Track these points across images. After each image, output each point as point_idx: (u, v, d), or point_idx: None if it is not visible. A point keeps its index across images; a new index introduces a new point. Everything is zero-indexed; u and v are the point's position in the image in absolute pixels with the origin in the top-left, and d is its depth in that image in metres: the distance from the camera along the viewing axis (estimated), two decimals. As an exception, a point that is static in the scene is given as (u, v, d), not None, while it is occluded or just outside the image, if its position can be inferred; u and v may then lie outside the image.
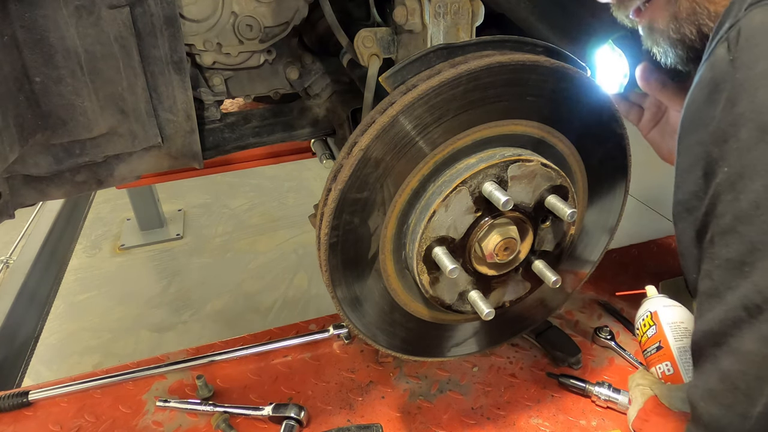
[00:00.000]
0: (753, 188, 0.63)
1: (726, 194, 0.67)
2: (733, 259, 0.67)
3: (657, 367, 1.32)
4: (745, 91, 0.65)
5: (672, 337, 1.31)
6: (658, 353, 1.32)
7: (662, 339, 1.32)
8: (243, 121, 1.44)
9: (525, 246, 1.09)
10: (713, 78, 0.69)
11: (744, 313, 0.64)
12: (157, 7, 1.02)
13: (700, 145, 0.72)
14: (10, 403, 1.42)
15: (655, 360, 1.33)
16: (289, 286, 3.18)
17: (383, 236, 1.04)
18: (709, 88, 0.70)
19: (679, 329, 1.32)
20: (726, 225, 0.68)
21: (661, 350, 1.32)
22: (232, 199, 4.07)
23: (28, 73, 0.97)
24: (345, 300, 1.08)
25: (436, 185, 1.01)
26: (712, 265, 0.70)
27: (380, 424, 1.32)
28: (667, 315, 1.35)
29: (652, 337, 1.35)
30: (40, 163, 1.09)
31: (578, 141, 1.12)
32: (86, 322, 2.99)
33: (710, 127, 0.69)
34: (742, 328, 0.65)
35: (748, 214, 0.64)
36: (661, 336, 1.32)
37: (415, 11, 1.10)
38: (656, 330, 1.34)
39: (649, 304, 1.40)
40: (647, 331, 1.36)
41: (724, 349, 0.68)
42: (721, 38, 0.68)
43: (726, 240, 0.68)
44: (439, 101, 0.96)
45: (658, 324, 1.34)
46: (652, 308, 1.38)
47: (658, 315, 1.35)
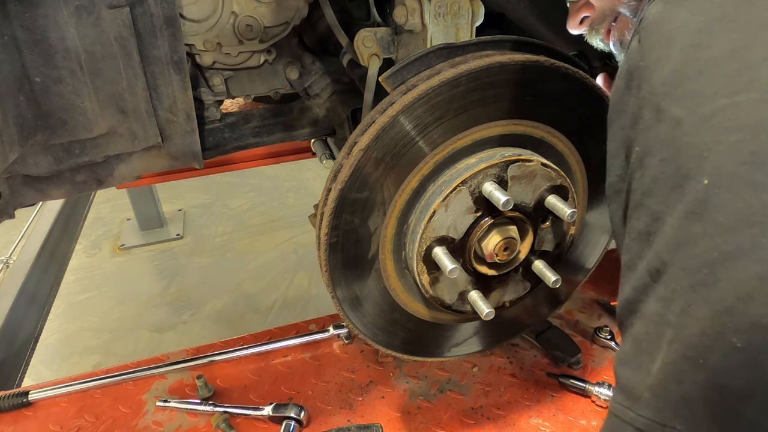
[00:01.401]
0: (653, 163, 0.68)
1: (636, 172, 0.72)
2: (642, 230, 0.71)
3: None
4: (646, 76, 0.70)
5: None
6: None
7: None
8: (243, 121, 1.44)
9: (525, 246, 1.09)
10: (629, 68, 0.75)
11: (648, 278, 0.68)
12: (157, 7, 1.02)
13: (622, 130, 0.78)
14: (10, 403, 1.43)
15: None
16: (289, 286, 3.18)
17: (383, 236, 1.04)
18: (626, 77, 0.75)
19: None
20: (636, 200, 0.72)
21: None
22: (232, 199, 4.07)
23: (28, 73, 0.97)
24: (345, 300, 1.08)
25: (436, 185, 1.01)
26: (629, 238, 0.74)
27: (380, 424, 1.32)
28: None
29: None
30: (40, 163, 1.09)
31: (578, 141, 1.12)
32: (86, 322, 2.99)
33: (627, 113, 0.75)
34: (647, 293, 0.68)
35: (649, 188, 0.69)
36: None
37: (415, 11, 1.10)
38: None
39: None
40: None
41: (636, 315, 0.71)
42: (637, 30, 0.74)
43: (637, 213, 0.72)
44: (439, 101, 0.96)
45: None
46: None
47: None
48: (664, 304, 0.65)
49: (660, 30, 0.71)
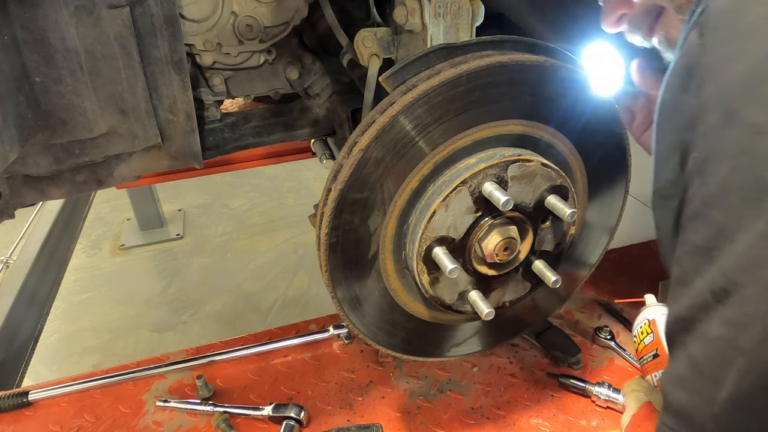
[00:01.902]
0: (719, 171, 0.63)
1: (695, 179, 0.67)
2: (700, 244, 0.66)
3: (653, 375, 1.31)
4: (712, 75, 0.65)
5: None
6: (654, 361, 1.31)
7: (659, 347, 1.31)
8: (243, 121, 1.44)
9: (525, 246, 1.09)
10: (686, 64, 0.69)
11: (711, 297, 0.64)
12: (157, 7, 1.02)
13: (676, 132, 0.72)
14: (10, 403, 1.43)
15: (651, 368, 1.32)
16: (289, 286, 3.18)
17: (383, 236, 1.04)
18: (682, 74, 0.70)
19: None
20: (694, 210, 0.68)
21: (658, 358, 1.31)
22: (232, 199, 4.07)
23: (28, 73, 0.97)
24: (345, 300, 1.08)
25: (436, 185, 1.01)
26: (682, 251, 0.70)
27: (380, 424, 1.32)
28: (662, 322, 1.34)
29: (649, 344, 1.34)
30: (40, 163, 1.09)
31: (578, 141, 1.12)
32: (86, 322, 2.99)
33: (684, 113, 0.70)
34: (709, 313, 0.64)
35: (714, 198, 0.64)
36: (658, 344, 1.32)
37: (415, 11, 1.10)
38: (653, 338, 1.33)
39: (648, 312, 1.39)
40: (644, 338, 1.36)
41: (693, 335, 0.67)
42: (694, 23, 0.68)
43: (694, 225, 0.68)
44: (439, 101, 0.96)
45: (656, 332, 1.33)
46: (650, 316, 1.37)
47: (656, 323, 1.34)
48: (734, 328, 0.61)
49: (731, 24, 0.64)
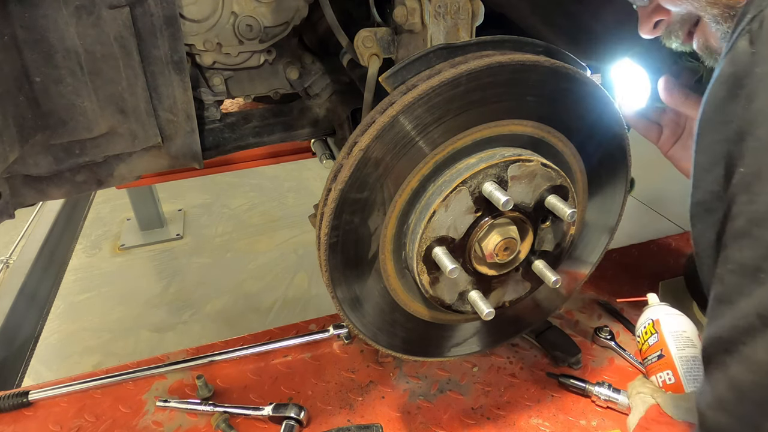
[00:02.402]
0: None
1: (741, 195, 0.64)
2: (747, 264, 0.64)
3: (658, 375, 1.30)
4: (765, 86, 0.61)
5: (674, 346, 1.29)
6: (659, 362, 1.31)
7: (664, 347, 1.30)
8: (243, 121, 1.44)
9: (525, 246, 1.09)
10: (734, 72, 0.66)
11: (758, 321, 0.61)
12: (157, 7, 1.02)
13: (721, 143, 0.68)
14: (10, 403, 1.42)
15: (655, 368, 1.31)
16: (289, 286, 3.18)
17: (383, 236, 1.04)
18: (729, 83, 0.67)
19: (681, 338, 1.30)
20: (740, 228, 0.65)
21: (663, 359, 1.30)
22: (232, 199, 4.07)
23: (28, 73, 0.97)
24: (345, 300, 1.08)
25: (436, 185, 1.01)
26: (725, 269, 0.68)
27: (380, 424, 1.32)
28: (670, 324, 1.33)
29: (654, 345, 1.33)
30: (40, 163, 1.09)
31: (578, 141, 1.12)
32: (86, 322, 2.99)
33: (731, 124, 0.66)
34: (756, 337, 0.62)
35: (764, 218, 0.62)
36: (662, 345, 1.31)
37: (415, 11, 1.10)
38: (658, 338, 1.32)
39: (651, 312, 1.39)
40: (648, 339, 1.35)
41: (735, 357, 0.64)
42: (743, 30, 0.65)
43: (740, 243, 0.65)
44: (439, 101, 0.96)
45: (660, 333, 1.33)
46: (654, 316, 1.36)
47: (660, 323, 1.34)
48: None
49: None
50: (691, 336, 1.32)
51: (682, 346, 1.29)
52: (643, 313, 1.41)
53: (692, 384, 1.24)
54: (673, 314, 1.36)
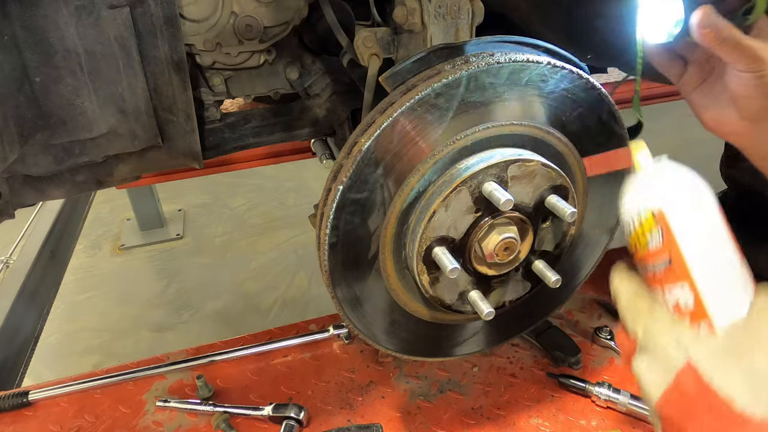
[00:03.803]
0: None
1: None
2: None
3: (666, 289, 0.80)
4: None
5: (694, 249, 0.78)
6: (666, 271, 0.80)
7: (675, 256, 0.79)
8: (243, 121, 1.44)
9: (525, 246, 1.09)
10: None
11: None
12: (157, 7, 1.02)
13: None
14: (10, 403, 1.42)
15: (660, 279, 0.81)
16: (289, 286, 3.19)
17: (383, 236, 1.04)
18: None
19: (699, 234, 0.79)
20: None
21: (670, 267, 0.79)
22: (232, 199, 4.07)
23: (28, 73, 0.97)
24: (345, 300, 1.08)
25: (436, 185, 1.01)
26: None
27: (380, 424, 1.32)
28: (685, 220, 0.79)
29: (658, 249, 0.81)
30: (40, 163, 1.09)
31: (578, 141, 1.12)
32: (86, 322, 2.99)
33: None
34: None
35: None
36: (671, 246, 0.79)
37: (415, 11, 1.10)
38: (663, 240, 0.80)
39: (646, 194, 0.83)
40: (648, 240, 0.82)
41: None
42: None
43: None
44: (439, 101, 0.96)
45: (668, 232, 0.79)
46: (654, 202, 0.81)
47: (667, 218, 0.79)
48: None
49: None
50: (718, 230, 0.79)
51: (706, 249, 0.78)
52: (629, 191, 0.85)
53: (724, 311, 0.75)
54: (688, 200, 0.80)
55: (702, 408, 0.67)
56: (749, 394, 0.64)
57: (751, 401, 0.64)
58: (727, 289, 0.77)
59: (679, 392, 0.70)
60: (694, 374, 0.69)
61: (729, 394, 0.65)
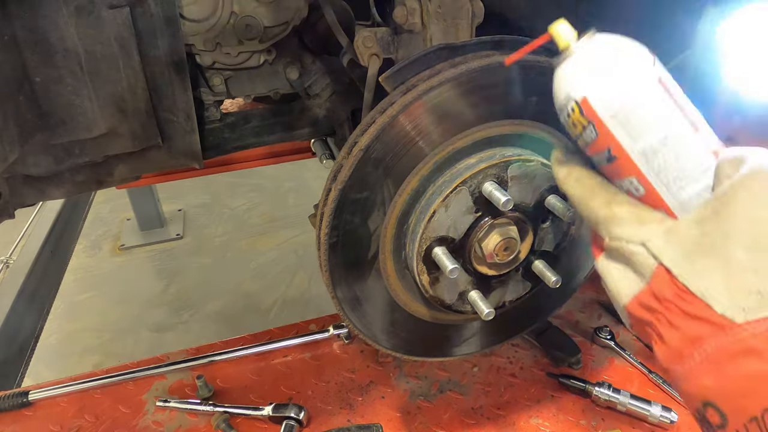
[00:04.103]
0: None
1: None
2: None
3: (615, 184, 0.73)
4: None
5: (627, 136, 0.68)
6: (612, 166, 0.72)
7: (613, 144, 0.70)
8: (243, 121, 1.44)
9: (525, 246, 1.09)
10: None
11: None
12: (157, 7, 1.02)
13: None
14: (10, 403, 1.42)
15: (608, 173, 0.74)
16: (289, 286, 3.19)
17: (383, 236, 1.04)
18: None
19: (635, 117, 0.67)
20: None
21: (617, 162, 0.70)
22: (232, 199, 4.07)
23: (28, 73, 0.97)
24: (345, 300, 1.08)
25: (436, 185, 1.01)
26: None
27: (380, 424, 1.32)
28: (607, 99, 0.68)
29: (595, 142, 0.71)
30: (40, 163, 1.09)
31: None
32: (86, 322, 2.99)
33: None
34: None
35: None
36: (608, 139, 0.70)
37: (415, 11, 1.10)
38: (597, 130, 0.70)
39: (570, 81, 0.72)
40: (582, 133, 0.72)
41: None
42: None
43: None
44: (438, 101, 0.96)
45: (597, 119, 0.69)
46: (577, 91, 0.70)
47: (591, 104, 0.69)
48: None
49: None
50: (661, 103, 0.68)
51: (640, 131, 0.68)
52: (556, 78, 0.74)
53: (677, 194, 0.68)
54: (605, 75, 0.68)
55: (677, 313, 0.61)
56: (727, 295, 0.58)
57: (731, 304, 0.58)
58: (685, 170, 0.67)
59: (653, 297, 0.65)
60: (668, 277, 0.62)
61: (705, 296, 0.59)
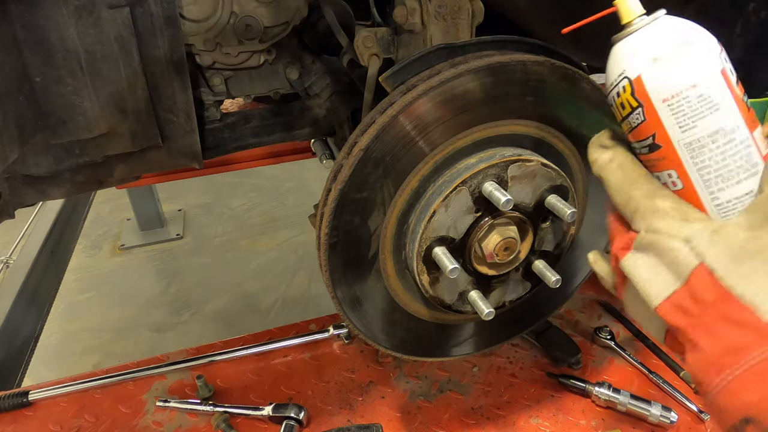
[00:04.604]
0: None
1: None
2: None
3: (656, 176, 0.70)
4: None
5: (676, 125, 0.64)
6: (652, 156, 0.68)
7: (659, 131, 0.66)
8: (243, 121, 1.44)
9: (525, 246, 1.09)
10: None
11: None
12: (157, 7, 1.02)
13: None
14: (10, 403, 1.42)
15: (648, 164, 0.71)
16: (289, 286, 3.19)
17: (383, 236, 1.04)
18: None
19: (689, 106, 0.63)
20: None
21: (659, 151, 0.67)
22: (232, 199, 4.07)
23: (28, 73, 0.97)
24: (345, 300, 1.08)
25: (436, 185, 1.01)
26: None
27: (380, 424, 1.32)
28: (664, 82, 0.64)
29: (640, 127, 0.68)
30: (40, 163, 1.09)
31: (578, 141, 1.12)
32: (86, 322, 2.99)
33: None
34: None
35: None
36: (655, 125, 0.66)
37: (415, 11, 1.10)
38: (645, 114, 0.66)
39: (627, 58, 0.68)
40: (629, 115, 0.69)
41: None
42: None
43: None
44: (438, 101, 0.96)
45: (648, 102, 0.65)
46: (632, 70, 0.66)
47: (645, 84, 0.65)
48: None
49: None
50: (710, 91, 0.62)
51: (694, 121, 0.63)
52: (612, 52, 0.70)
53: (718, 196, 0.64)
54: (668, 54, 0.64)
55: (717, 319, 0.57)
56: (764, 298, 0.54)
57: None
58: (730, 170, 0.63)
59: (690, 299, 0.60)
60: (710, 278, 0.58)
61: (752, 301, 0.55)
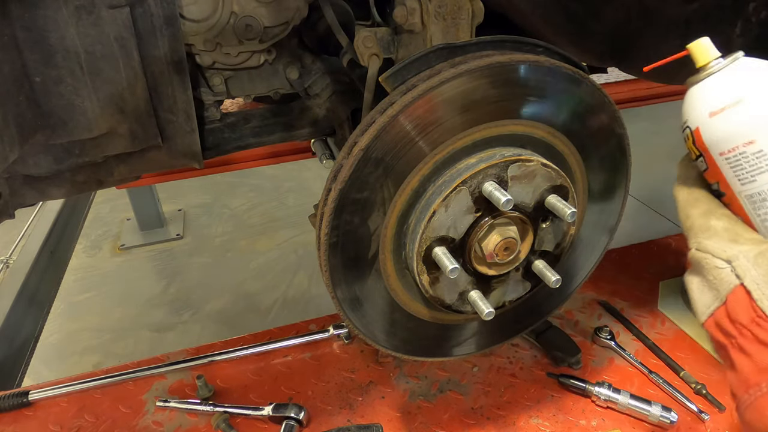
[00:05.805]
0: None
1: None
2: None
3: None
4: None
5: (735, 178, 0.68)
6: (722, 199, 0.74)
7: (721, 180, 0.71)
8: (243, 121, 1.44)
9: (525, 246, 1.09)
10: None
11: None
12: (157, 7, 1.02)
13: None
14: (10, 403, 1.43)
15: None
16: (289, 286, 3.19)
17: (383, 236, 1.04)
18: None
19: (747, 162, 0.67)
20: None
21: (725, 198, 0.73)
22: (232, 199, 4.07)
23: (28, 73, 0.97)
24: (345, 300, 1.08)
25: (436, 185, 1.01)
26: None
27: (380, 424, 1.32)
28: (719, 137, 0.67)
29: (706, 173, 0.74)
30: (40, 163, 1.09)
31: (578, 141, 1.12)
32: (86, 322, 2.99)
33: None
34: None
35: None
36: (717, 175, 0.71)
37: (415, 11, 1.10)
38: (707, 163, 0.71)
39: (690, 107, 0.72)
40: (696, 159, 0.75)
41: None
42: None
43: None
44: (438, 101, 0.96)
45: (707, 154, 0.70)
46: (692, 121, 0.71)
47: (703, 138, 0.69)
48: None
49: None
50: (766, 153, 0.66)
51: (752, 175, 0.67)
52: (686, 96, 0.74)
53: None
54: (724, 109, 0.66)
55: (751, 339, 0.60)
56: None
57: None
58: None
59: (727, 318, 0.64)
60: (747, 300, 0.61)
61: None
